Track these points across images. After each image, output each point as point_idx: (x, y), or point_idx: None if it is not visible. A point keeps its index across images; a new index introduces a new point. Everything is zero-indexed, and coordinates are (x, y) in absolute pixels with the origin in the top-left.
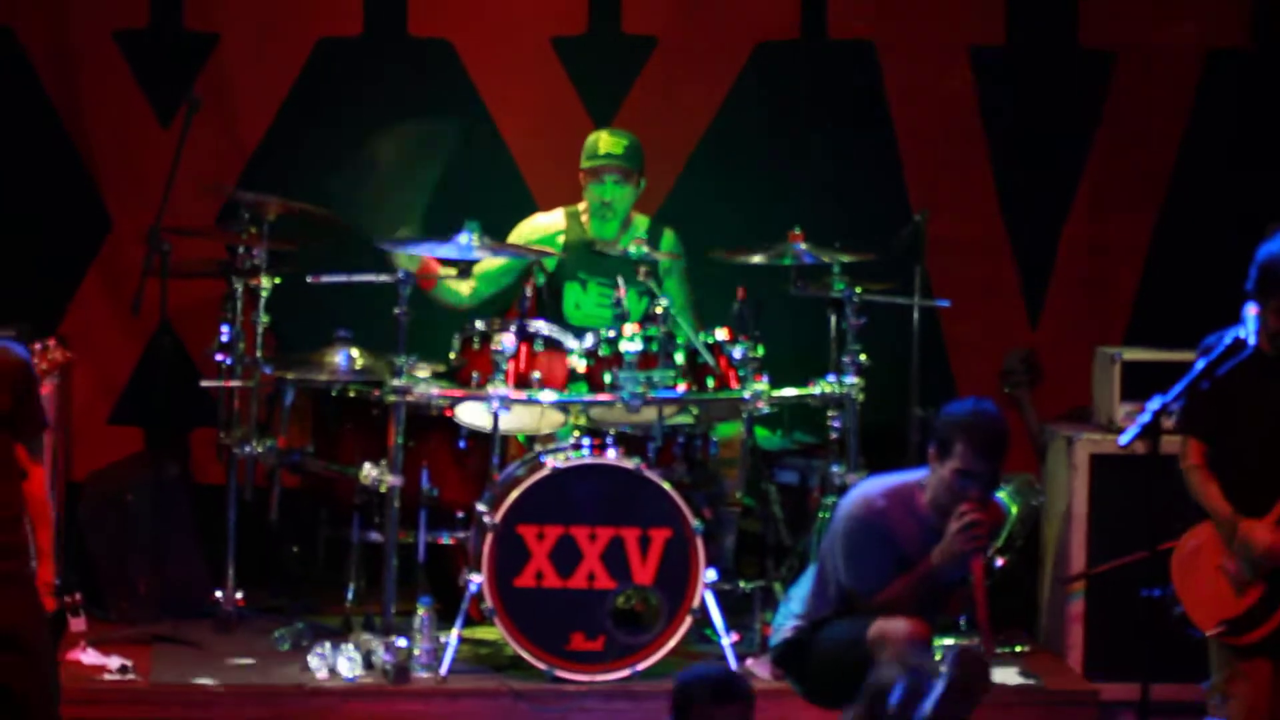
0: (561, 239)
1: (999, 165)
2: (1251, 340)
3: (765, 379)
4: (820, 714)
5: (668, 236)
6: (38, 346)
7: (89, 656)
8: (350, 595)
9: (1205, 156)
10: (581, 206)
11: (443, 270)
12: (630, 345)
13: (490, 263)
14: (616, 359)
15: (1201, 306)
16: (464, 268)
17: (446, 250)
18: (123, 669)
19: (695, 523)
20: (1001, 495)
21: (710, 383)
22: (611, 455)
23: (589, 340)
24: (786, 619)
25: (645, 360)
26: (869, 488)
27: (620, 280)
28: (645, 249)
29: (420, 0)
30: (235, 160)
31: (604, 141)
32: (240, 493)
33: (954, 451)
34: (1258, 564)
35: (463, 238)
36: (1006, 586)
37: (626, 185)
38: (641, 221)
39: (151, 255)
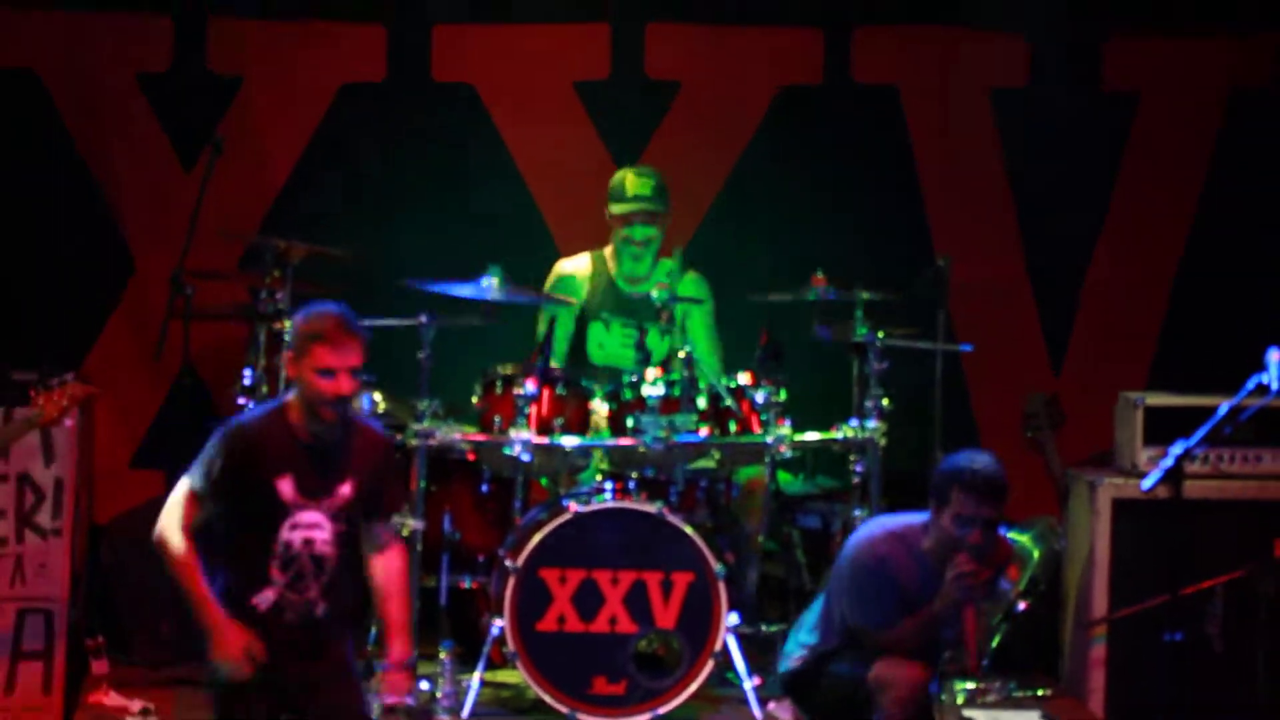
0: (589, 283)
1: (1022, 208)
2: (1275, 385)
3: (788, 423)
4: None
5: (689, 278)
6: (54, 382)
7: (111, 699)
8: (372, 638)
9: (1229, 198)
10: (608, 250)
11: None
12: (652, 389)
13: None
14: (639, 403)
15: (1226, 351)
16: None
17: (467, 292)
18: (144, 711)
19: (717, 567)
20: (1023, 539)
21: (733, 427)
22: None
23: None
24: (796, 647)
25: (667, 405)
26: (872, 530)
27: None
28: (668, 294)
29: (444, 45)
30: (259, 204)
31: (630, 183)
32: None
33: (950, 499)
34: None
35: (484, 281)
36: (1029, 629)
37: (655, 225)
38: (665, 264)
39: (174, 298)
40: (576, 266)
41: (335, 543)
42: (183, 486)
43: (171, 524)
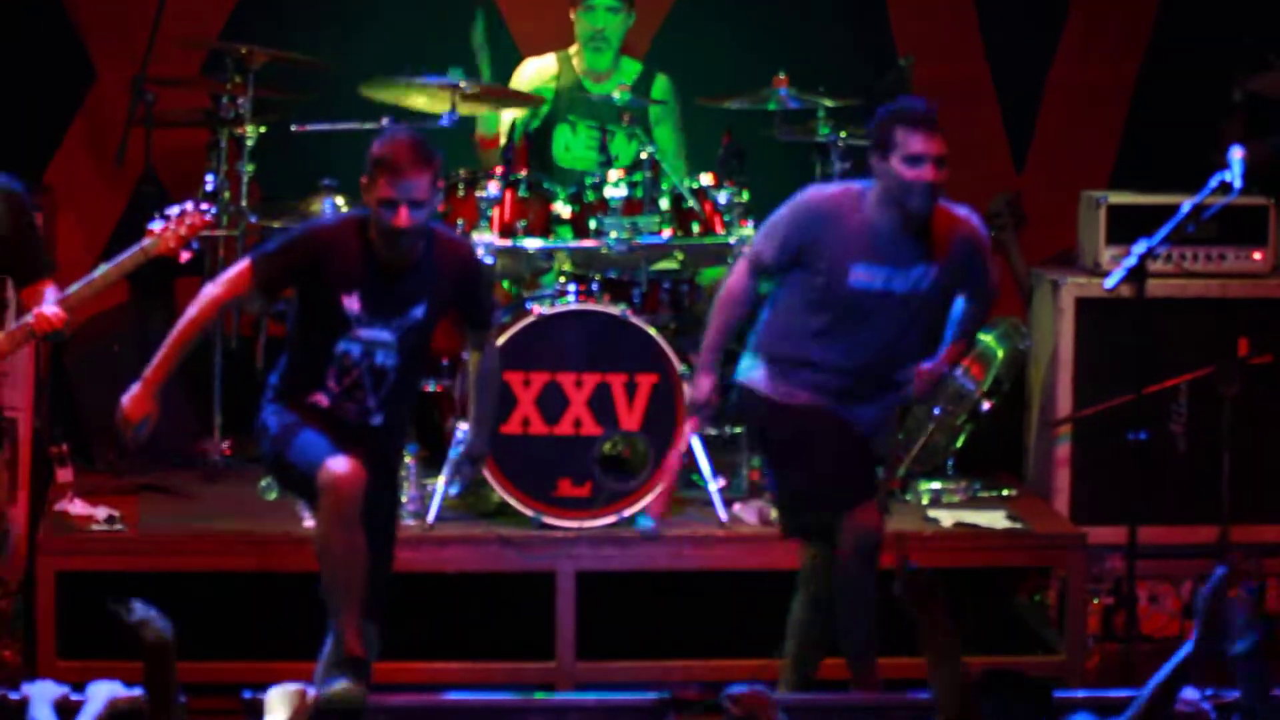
0: (554, 83)
1: (983, 7)
2: (1237, 184)
3: (750, 224)
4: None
5: (660, 82)
6: (173, 211)
7: (76, 507)
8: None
9: None
10: (572, 50)
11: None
12: (615, 191)
13: (509, 123)
14: (602, 205)
15: (1188, 149)
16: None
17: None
18: (110, 519)
19: (681, 368)
20: (987, 339)
21: (696, 228)
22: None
23: None
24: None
25: (630, 206)
26: (824, 185)
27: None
28: (630, 95)
29: None
30: (219, 9)
31: None
32: (226, 342)
33: (896, 142)
34: None
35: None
36: (993, 430)
37: (618, 14)
38: (632, 66)
39: (135, 105)
40: (544, 65)
41: (400, 357)
42: (245, 259)
43: (209, 286)
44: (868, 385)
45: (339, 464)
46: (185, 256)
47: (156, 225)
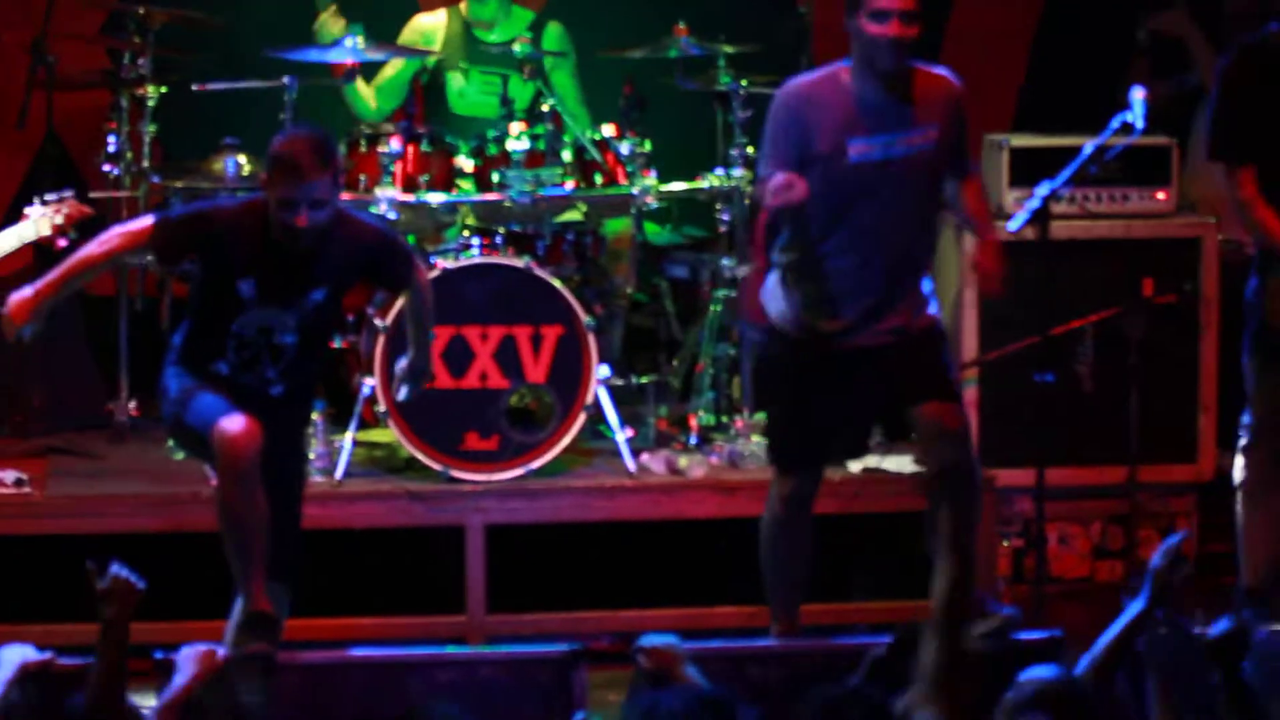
0: (442, 33)
1: None
2: (1139, 124)
3: (653, 174)
4: (718, 503)
5: (551, 30)
6: (52, 198)
7: None
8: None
9: None
10: (463, 4)
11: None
12: (517, 144)
13: (387, 73)
14: (504, 158)
15: (1089, 92)
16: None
17: (333, 55)
18: (18, 482)
19: (587, 319)
20: None
21: (598, 179)
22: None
23: None
24: None
25: (532, 159)
26: (795, 77)
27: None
28: (530, 47)
29: None
30: None
31: None
32: (131, 303)
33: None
34: None
35: (347, 41)
36: None
37: None
38: (524, 15)
39: (36, 66)
40: (433, 20)
41: (299, 335)
42: (151, 216)
43: (114, 229)
44: (886, 275)
45: (234, 423)
46: (61, 244)
47: (34, 210)
